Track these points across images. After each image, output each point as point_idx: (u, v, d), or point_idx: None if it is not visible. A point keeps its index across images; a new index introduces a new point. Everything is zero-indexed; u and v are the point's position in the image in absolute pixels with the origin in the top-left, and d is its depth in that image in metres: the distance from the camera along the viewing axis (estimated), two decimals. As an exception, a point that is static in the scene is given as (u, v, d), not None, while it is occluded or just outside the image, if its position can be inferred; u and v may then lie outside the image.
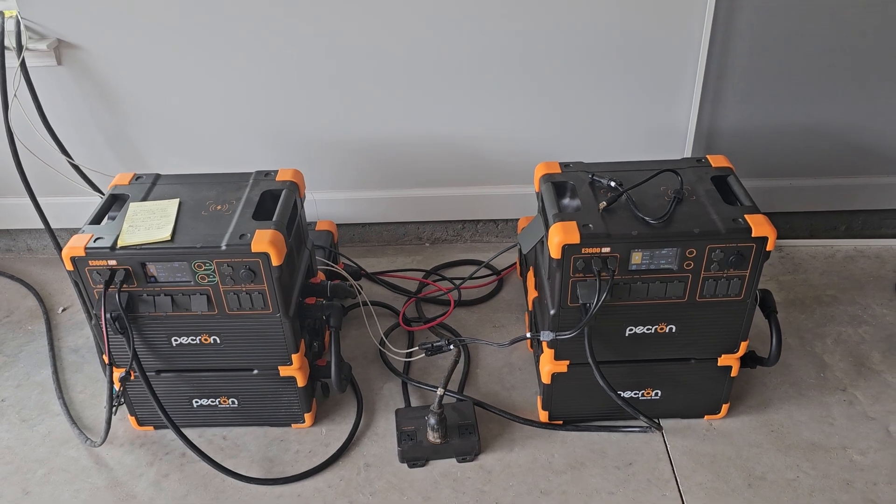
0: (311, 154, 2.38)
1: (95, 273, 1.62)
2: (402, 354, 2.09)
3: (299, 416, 1.87)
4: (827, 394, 1.94)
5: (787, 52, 2.18)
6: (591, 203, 1.68)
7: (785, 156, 2.39)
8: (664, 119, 2.30)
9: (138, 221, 1.67)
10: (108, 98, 2.27)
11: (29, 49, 2.11)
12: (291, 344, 1.73)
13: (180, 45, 2.17)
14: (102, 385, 2.05)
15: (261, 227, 1.64)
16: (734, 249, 1.58)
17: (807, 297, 2.28)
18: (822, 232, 2.58)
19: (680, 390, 1.82)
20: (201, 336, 1.72)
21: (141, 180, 1.86)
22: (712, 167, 1.82)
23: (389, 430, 1.87)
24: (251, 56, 2.19)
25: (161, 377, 1.79)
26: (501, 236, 2.62)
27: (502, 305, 2.31)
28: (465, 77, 2.23)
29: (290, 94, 2.27)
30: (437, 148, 2.38)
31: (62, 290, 2.44)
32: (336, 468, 1.79)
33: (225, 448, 1.85)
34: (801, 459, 1.77)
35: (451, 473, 1.77)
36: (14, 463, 1.84)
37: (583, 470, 1.76)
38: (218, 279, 1.63)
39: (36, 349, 2.20)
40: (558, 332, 1.67)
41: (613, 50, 2.18)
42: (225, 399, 1.84)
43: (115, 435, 1.88)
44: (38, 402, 2.01)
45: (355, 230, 2.60)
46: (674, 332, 1.71)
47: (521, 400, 1.96)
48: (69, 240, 1.63)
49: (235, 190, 1.80)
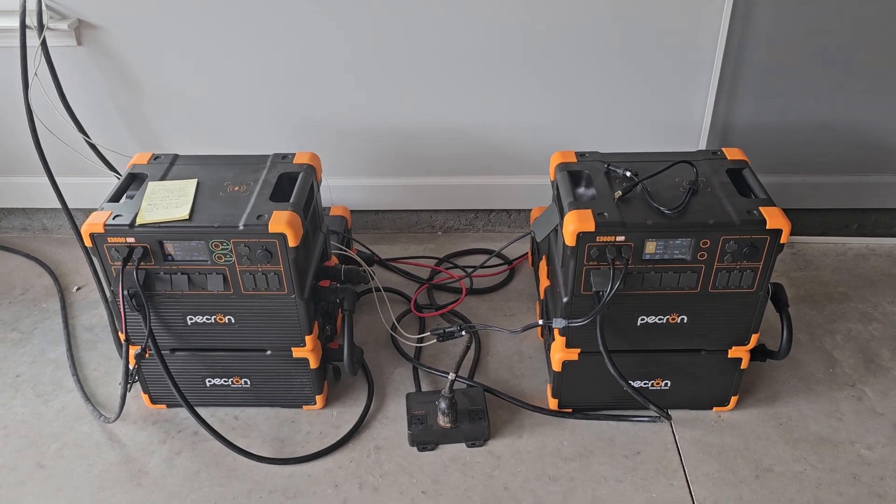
0: (327, 140, 2.38)
1: (114, 250, 1.63)
2: (413, 340, 2.10)
3: (311, 397, 1.89)
4: (836, 389, 1.95)
5: (804, 48, 2.18)
6: (606, 192, 1.69)
7: (799, 152, 2.39)
8: (680, 112, 2.30)
9: (157, 200, 1.69)
10: (127, 79, 2.29)
11: (50, 28, 2.12)
12: (305, 325, 1.75)
13: (200, 27, 2.18)
14: (116, 363, 2.07)
15: (278, 208, 1.65)
16: (748, 241, 1.58)
17: (818, 294, 2.28)
18: (834, 229, 2.58)
19: (689, 381, 1.83)
20: (216, 315, 1.74)
21: (159, 160, 1.87)
22: (728, 160, 1.82)
23: (400, 414, 1.89)
24: (271, 40, 2.20)
25: (175, 356, 1.81)
26: (514, 226, 2.62)
27: (513, 294, 2.32)
28: (482, 66, 2.24)
29: (307, 79, 2.27)
30: (452, 136, 2.39)
31: (77, 269, 2.46)
32: (346, 450, 1.81)
33: (237, 427, 1.87)
34: (808, 453, 1.78)
35: (461, 458, 1.78)
36: (28, 437, 1.86)
37: (591, 458, 1.77)
38: (234, 259, 1.64)
39: (51, 327, 2.22)
40: (571, 320, 1.68)
41: (631, 41, 2.18)
42: (238, 379, 1.86)
43: (129, 412, 1.90)
44: (53, 378, 2.03)
45: (368, 217, 2.61)
46: (685, 322, 1.72)
47: (530, 387, 1.97)
48: (88, 217, 1.65)
49: (253, 171, 1.81)
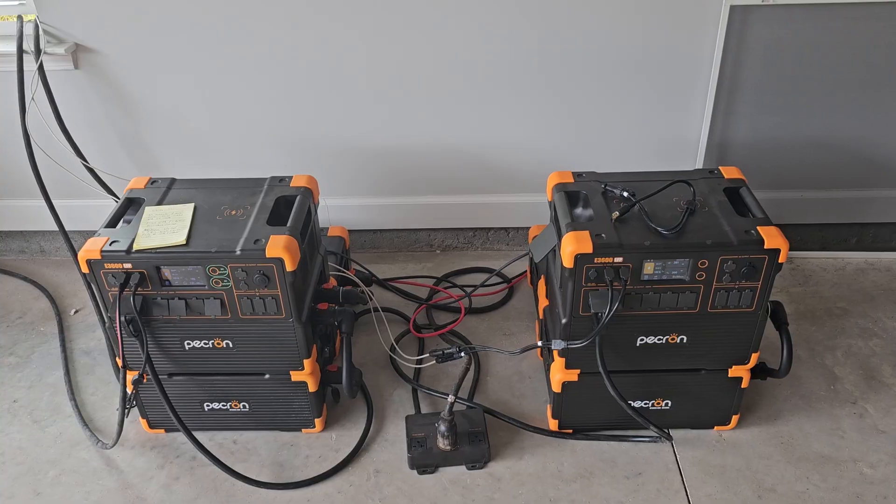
0: (324, 160, 2.39)
1: (111, 276, 1.63)
2: (412, 361, 2.09)
3: (310, 421, 1.88)
4: (837, 406, 1.94)
5: (799, 65, 2.19)
6: (603, 213, 1.69)
7: (796, 168, 2.39)
8: (676, 130, 2.31)
9: (154, 225, 1.68)
10: (123, 102, 2.29)
11: (47, 53, 2.13)
12: (303, 349, 1.74)
13: (196, 50, 2.19)
14: (114, 387, 2.06)
15: (275, 232, 1.65)
16: (746, 261, 1.58)
17: (817, 310, 2.28)
18: (833, 244, 2.58)
19: (690, 401, 1.82)
20: (214, 340, 1.73)
21: (156, 184, 1.87)
22: (725, 178, 1.82)
23: (399, 437, 1.88)
24: (267, 63, 2.21)
25: (173, 380, 1.80)
26: (512, 244, 2.62)
27: (513, 313, 2.32)
28: (479, 86, 2.24)
29: (304, 100, 2.28)
30: (449, 155, 2.39)
31: (75, 292, 2.46)
32: (346, 473, 1.80)
33: (235, 452, 1.86)
34: (810, 472, 1.77)
35: (461, 481, 1.77)
36: (26, 463, 1.85)
37: (592, 479, 1.76)
38: (232, 283, 1.64)
39: (48, 350, 2.21)
40: (569, 341, 1.67)
41: (627, 62, 2.19)
42: (236, 403, 1.85)
43: (127, 437, 1.89)
44: (50, 403, 2.02)
45: (367, 236, 2.61)
46: (685, 342, 1.71)
47: (531, 408, 1.96)
48: (84, 242, 1.64)
49: (250, 195, 1.81)
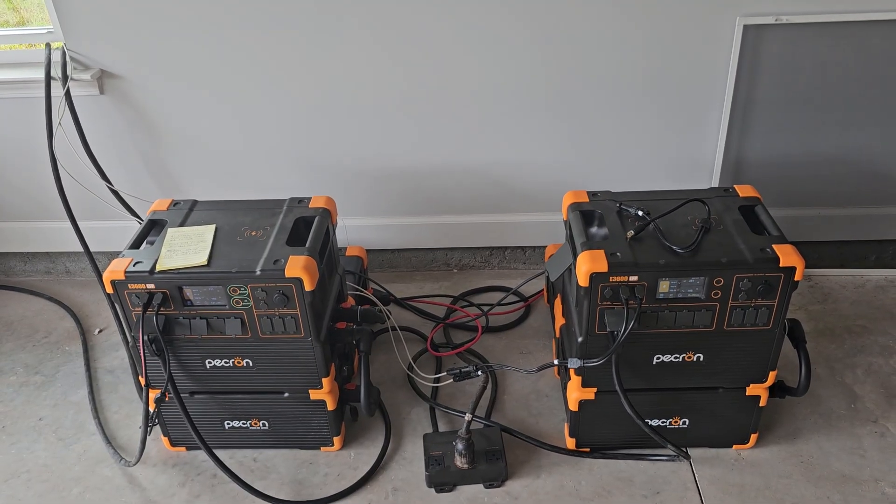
0: (343, 181, 2.42)
1: (134, 296, 1.66)
2: (430, 379, 2.11)
3: (328, 439, 1.89)
4: (858, 425, 1.93)
5: (814, 82, 2.19)
6: (618, 232, 1.70)
7: (813, 185, 2.38)
8: (691, 149, 2.32)
9: (176, 246, 1.72)
10: (147, 126, 2.34)
11: (73, 79, 2.19)
12: (322, 368, 1.76)
13: (217, 76, 2.23)
14: (136, 406, 2.09)
15: (294, 252, 1.68)
16: (762, 279, 1.59)
17: (837, 327, 2.26)
18: (852, 261, 2.56)
19: (708, 419, 1.82)
20: (234, 359, 1.76)
21: (179, 206, 1.91)
22: (740, 197, 1.83)
23: (417, 455, 1.89)
24: (287, 88, 2.25)
25: (194, 399, 1.83)
26: (529, 263, 2.63)
27: (529, 332, 2.33)
28: (495, 107, 2.27)
29: (323, 123, 2.32)
30: (466, 176, 2.41)
31: (99, 311, 2.50)
32: (364, 492, 1.81)
33: (255, 470, 1.88)
34: (831, 491, 1.75)
35: (479, 499, 1.77)
36: (51, 481, 1.88)
37: (610, 498, 1.76)
38: (252, 303, 1.67)
39: (73, 369, 2.25)
40: (586, 360, 1.68)
41: (641, 81, 2.21)
42: (256, 421, 1.87)
43: (149, 455, 1.92)
44: (75, 421, 2.06)
45: (384, 256, 2.64)
46: (701, 360, 1.72)
47: (548, 427, 1.96)
48: (109, 263, 1.68)
49: (270, 216, 1.84)
